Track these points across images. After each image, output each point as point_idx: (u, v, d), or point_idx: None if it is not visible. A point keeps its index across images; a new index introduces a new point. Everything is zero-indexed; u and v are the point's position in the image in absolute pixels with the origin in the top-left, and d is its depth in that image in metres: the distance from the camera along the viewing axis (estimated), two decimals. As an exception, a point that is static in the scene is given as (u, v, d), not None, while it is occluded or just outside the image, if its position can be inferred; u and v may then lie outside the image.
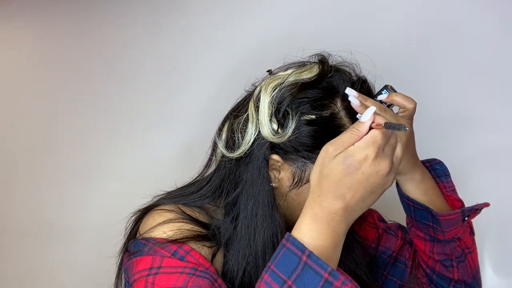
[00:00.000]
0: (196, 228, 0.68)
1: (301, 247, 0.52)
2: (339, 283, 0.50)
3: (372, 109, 0.57)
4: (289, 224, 0.71)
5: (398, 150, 0.58)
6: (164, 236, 0.65)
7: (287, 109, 0.66)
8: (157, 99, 1.21)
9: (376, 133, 0.55)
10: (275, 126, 0.66)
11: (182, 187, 0.79)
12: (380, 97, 0.71)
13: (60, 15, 1.23)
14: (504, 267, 1.09)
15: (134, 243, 0.67)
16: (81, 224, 1.23)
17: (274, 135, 0.66)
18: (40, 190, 1.24)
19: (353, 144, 0.56)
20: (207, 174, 0.77)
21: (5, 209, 1.25)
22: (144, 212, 0.73)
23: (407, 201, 0.76)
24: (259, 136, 0.68)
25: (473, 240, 0.79)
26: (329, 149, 0.56)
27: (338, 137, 0.57)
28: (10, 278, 1.25)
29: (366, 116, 0.56)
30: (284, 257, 0.53)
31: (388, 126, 0.55)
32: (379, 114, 0.58)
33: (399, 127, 0.55)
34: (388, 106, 0.71)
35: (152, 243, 0.64)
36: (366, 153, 0.54)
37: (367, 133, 0.56)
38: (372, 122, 0.56)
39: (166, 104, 1.21)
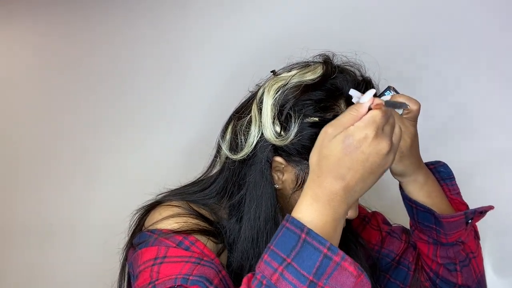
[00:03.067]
0: (202, 223, 0.68)
1: (300, 225, 0.52)
2: (339, 257, 0.49)
3: (372, 91, 0.56)
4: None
5: (397, 130, 0.58)
6: (169, 227, 0.65)
7: (290, 111, 0.65)
8: (160, 99, 1.21)
9: (375, 113, 0.54)
10: (277, 129, 0.66)
11: (185, 185, 0.79)
12: (383, 98, 0.70)
13: (60, 15, 1.22)
14: (504, 267, 1.09)
15: (139, 235, 0.67)
16: (81, 224, 1.23)
17: (276, 138, 0.66)
18: (41, 190, 1.24)
19: (353, 125, 0.55)
20: (211, 174, 0.77)
21: (6, 209, 1.25)
22: (148, 209, 0.73)
23: (409, 203, 0.75)
24: (262, 138, 0.67)
25: (478, 245, 0.78)
26: (328, 130, 0.55)
27: (337, 118, 0.56)
28: (10, 278, 1.25)
29: (366, 97, 0.56)
30: (283, 237, 0.52)
31: (389, 104, 0.55)
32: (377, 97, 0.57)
33: (400, 105, 0.54)
34: None
35: (158, 234, 0.64)
36: (365, 133, 0.53)
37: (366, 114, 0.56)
38: (371, 104, 0.56)
39: (169, 104, 1.21)
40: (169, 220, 0.66)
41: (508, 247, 1.10)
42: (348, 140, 0.53)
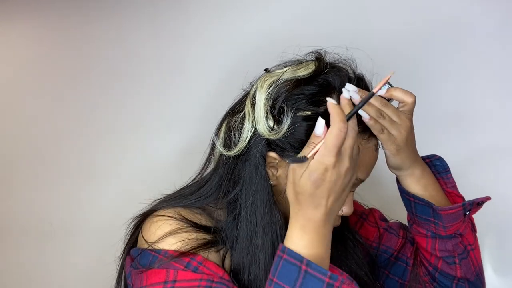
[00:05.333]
0: (200, 235, 0.68)
1: (299, 257, 0.56)
2: (338, 283, 0.55)
3: (322, 121, 0.60)
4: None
5: (355, 149, 0.61)
6: (173, 248, 0.65)
7: (283, 105, 0.66)
8: (156, 101, 1.21)
9: (327, 142, 0.57)
10: (270, 123, 0.66)
11: (181, 188, 0.79)
12: (379, 92, 0.70)
13: (60, 16, 1.23)
14: (504, 266, 1.08)
15: (141, 254, 0.67)
16: (81, 225, 1.23)
17: (270, 132, 0.66)
18: (40, 190, 1.24)
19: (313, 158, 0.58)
20: (205, 173, 0.77)
21: (5, 209, 1.25)
22: (143, 218, 0.73)
23: (407, 197, 0.75)
24: (255, 133, 0.68)
25: (475, 237, 0.78)
26: (295, 169, 0.59)
27: (300, 154, 0.61)
28: (10, 278, 1.25)
29: (319, 130, 0.60)
30: (284, 269, 0.56)
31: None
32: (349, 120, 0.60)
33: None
34: (388, 101, 0.70)
35: (163, 255, 0.64)
36: (325, 164, 0.57)
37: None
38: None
39: (165, 106, 1.21)
40: (169, 238, 0.66)
41: (508, 247, 1.10)
42: (313, 176, 0.57)
